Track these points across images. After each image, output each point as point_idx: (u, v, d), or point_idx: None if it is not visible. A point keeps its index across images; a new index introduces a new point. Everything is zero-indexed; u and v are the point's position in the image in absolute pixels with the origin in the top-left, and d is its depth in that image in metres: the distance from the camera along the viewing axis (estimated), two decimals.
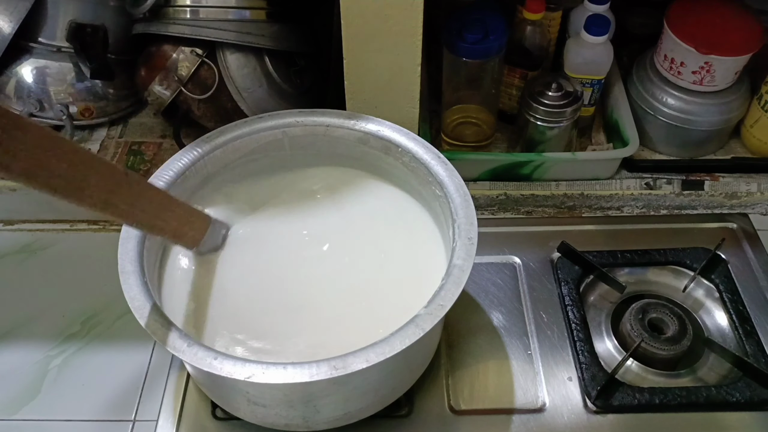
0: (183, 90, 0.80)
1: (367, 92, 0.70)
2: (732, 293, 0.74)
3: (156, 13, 0.78)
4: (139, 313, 0.52)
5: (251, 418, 0.62)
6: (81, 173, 0.45)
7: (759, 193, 0.85)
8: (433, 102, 0.89)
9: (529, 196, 0.85)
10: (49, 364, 0.78)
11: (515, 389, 0.68)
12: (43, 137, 0.42)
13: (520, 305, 0.74)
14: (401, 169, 0.67)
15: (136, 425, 0.73)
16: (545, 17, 0.82)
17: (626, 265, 0.77)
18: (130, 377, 0.77)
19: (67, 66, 0.86)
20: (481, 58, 0.80)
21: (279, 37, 0.80)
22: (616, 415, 0.66)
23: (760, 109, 0.84)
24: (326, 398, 0.57)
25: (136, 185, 0.51)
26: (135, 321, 0.52)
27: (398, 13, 0.63)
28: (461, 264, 0.55)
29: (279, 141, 0.68)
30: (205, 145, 0.64)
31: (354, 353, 0.50)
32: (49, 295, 0.84)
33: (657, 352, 0.68)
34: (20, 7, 0.81)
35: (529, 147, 0.84)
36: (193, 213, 0.60)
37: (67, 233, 0.91)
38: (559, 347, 0.71)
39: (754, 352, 0.69)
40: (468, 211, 0.59)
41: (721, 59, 0.79)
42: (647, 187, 0.86)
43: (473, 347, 0.71)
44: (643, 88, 0.87)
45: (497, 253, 0.79)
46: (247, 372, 0.49)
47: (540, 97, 0.79)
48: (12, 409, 0.75)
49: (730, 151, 0.89)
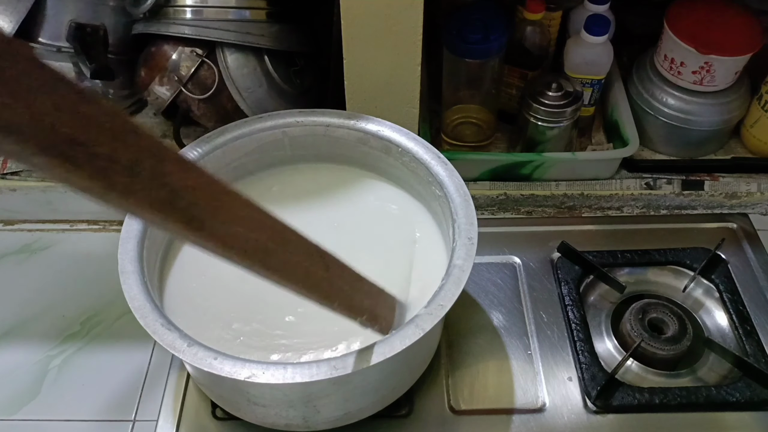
0: (183, 90, 0.80)
1: (367, 92, 0.70)
2: (732, 293, 0.74)
3: (156, 13, 0.78)
4: (139, 313, 0.52)
5: (251, 418, 0.62)
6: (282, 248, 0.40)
7: (759, 193, 0.85)
8: (433, 102, 0.89)
9: (529, 196, 0.85)
10: (49, 364, 0.78)
11: (515, 389, 0.68)
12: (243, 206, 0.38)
13: (520, 305, 0.74)
14: (401, 169, 0.67)
15: (136, 425, 0.73)
16: (545, 17, 0.82)
17: (626, 265, 0.77)
18: (130, 377, 0.77)
19: (67, 66, 0.86)
20: (481, 58, 0.80)
21: (279, 37, 0.80)
22: (616, 415, 0.66)
23: (760, 109, 0.84)
24: (326, 398, 0.57)
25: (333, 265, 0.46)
26: (135, 321, 0.52)
27: (398, 13, 0.63)
28: (461, 264, 0.55)
29: (279, 141, 0.68)
30: (205, 145, 0.64)
31: (354, 353, 0.50)
32: (49, 295, 0.84)
33: (657, 352, 0.68)
34: (20, 7, 0.81)
35: (529, 147, 0.84)
36: (382, 294, 0.54)
37: (67, 233, 0.91)
38: (559, 347, 0.71)
39: (754, 352, 0.69)
40: (468, 211, 0.59)
41: (721, 59, 0.79)
42: (647, 187, 0.86)
43: (473, 347, 0.71)
44: (643, 88, 0.87)
45: (497, 253, 0.79)
46: (247, 372, 0.49)
47: (540, 97, 0.79)
48: (12, 409, 0.75)
49: (730, 151, 0.89)
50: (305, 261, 0.42)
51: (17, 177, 0.87)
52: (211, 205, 0.35)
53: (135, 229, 0.58)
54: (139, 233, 0.57)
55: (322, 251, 0.45)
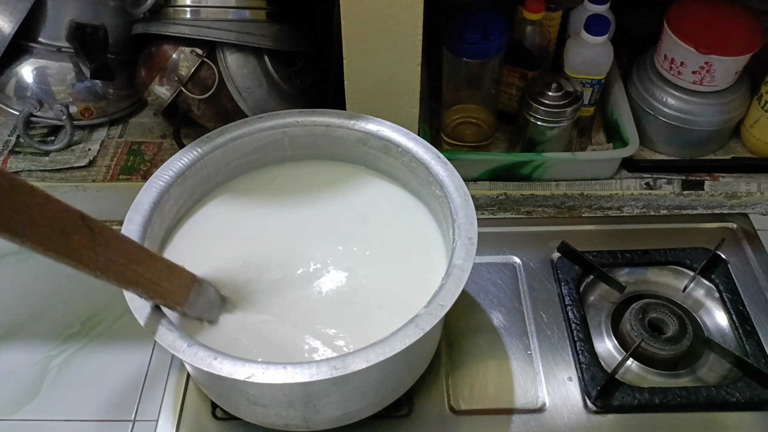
0: (183, 90, 0.80)
1: (367, 92, 0.70)
2: (732, 293, 0.74)
3: (156, 13, 0.78)
4: (139, 313, 0.52)
5: (251, 418, 0.62)
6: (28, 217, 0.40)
7: (759, 193, 0.85)
8: (433, 102, 0.89)
9: (529, 196, 0.85)
10: (49, 364, 0.78)
11: (515, 389, 0.68)
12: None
13: (520, 305, 0.74)
14: (401, 169, 0.67)
15: (136, 425, 0.73)
16: (545, 17, 0.82)
17: (626, 265, 0.77)
18: (130, 377, 0.77)
19: (67, 66, 0.86)
20: (481, 58, 0.80)
21: (279, 37, 0.80)
22: (616, 415, 0.66)
23: (760, 109, 0.84)
24: (326, 398, 0.57)
25: (99, 233, 0.46)
26: (135, 321, 0.52)
27: (398, 13, 0.63)
28: (461, 264, 0.55)
29: (279, 141, 0.68)
30: (205, 145, 0.64)
31: (354, 353, 0.50)
32: (49, 295, 0.84)
33: (657, 352, 0.68)
34: (20, 7, 0.81)
35: (529, 147, 0.84)
36: (175, 269, 0.55)
37: None
38: (559, 347, 0.71)
39: (754, 352, 0.69)
40: (468, 211, 0.59)
41: (721, 59, 0.79)
42: (647, 187, 0.86)
43: (473, 347, 0.71)
44: (643, 88, 0.87)
45: (497, 253, 0.79)
46: (247, 372, 0.49)
47: (540, 97, 0.79)
48: (12, 409, 0.75)
49: (730, 151, 0.89)
50: (63, 227, 0.43)
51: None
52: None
53: (135, 229, 0.58)
54: (139, 233, 0.57)
55: (90, 220, 0.45)
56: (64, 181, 0.86)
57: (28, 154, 0.88)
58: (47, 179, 0.86)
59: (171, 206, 0.62)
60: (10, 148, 0.89)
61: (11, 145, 0.90)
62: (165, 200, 0.61)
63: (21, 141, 0.90)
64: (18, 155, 0.88)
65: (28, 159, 0.87)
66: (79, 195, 0.87)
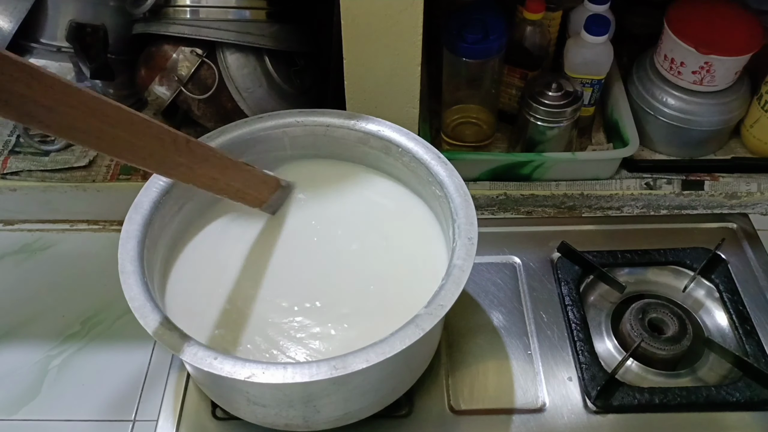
0: (183, 90, 0.80)
1: (367, 92, 0.70)
2: (732, 293, 0.74)
3: (156, 13, 0.78)
4: (139, 313, 0.52)
5: (251, 418, 0.62)
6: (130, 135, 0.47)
7: (759, 193, 0.85)
8: (433, 102, 0.90)
9: (529, 196, 0.85)
10: (49, 364, 0.78)
11: (515, 389, 0.68)
12: (90, 99, 0.45)
13: (520, 305, 0.74)
14: (401, 169, 0.67)
15: (136, 425, 0.73)
16: (545, 17, 0.82)
17: (626, 265, 0.77)
18: (130, 377, 0.77)
19: (67, 66, 0.86)
20: (481, 58, 0.80)
21: (279, 37, 0.80)
22: (616, 415, 0.66)
23: (760, 109, 0.84)
24: (326, 398, 0.57)
25: (192, 147, 0.53)
26: (135, 321, 0.52)
27: (398, 13, 0.63)
28: (461, 264, 0.55)
29: (279, 141, 0.68)
30: None
31: (354, 353, 0.50)
32: (49, 295, 0.84)
33: (657, 352, 0.68)
34: (20, 7, 0.81)
35: (529, 147, 0.84)
36: (264, 179, 0.63)
37: (67, 233, 0.91)
38: (559, 347, 0.71)
39: (754, 352, 0.69)
40: (468, 211, 0.59)
41: (721, 59, 0.79)
42: (647, 187, 0.86)
43: (473, 347, 0.71)
44: (643, 88, 0.87)
45: (497, 253, 0.79)
46: (247, 372, 0.49)
47: (540, 97, 0.79)
48: (12, 409, 0.75)
49: (730, 151, 0.90)
50: (152, 144, 0.49)
51: (17, 177, 0.87)
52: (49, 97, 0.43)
53: (135, 229, 0.58)
54: (140, 233, 0.57)
55: (177, 136, 0.51)
56: (64, 181, 0.86)
57: (28, 154, 0.88)
58: (47, 179, 0.86)
59: (171, 206, 0.62)
60: (10, 148, 0.89)
61: (11, 145, 0.90)
62: (165, 200, 0.61)
63: (21, 141, 0.90)
64: (18, 155, 0.88)
65: (28, 159, 0.87)
66: (79, 195, 0.87)
